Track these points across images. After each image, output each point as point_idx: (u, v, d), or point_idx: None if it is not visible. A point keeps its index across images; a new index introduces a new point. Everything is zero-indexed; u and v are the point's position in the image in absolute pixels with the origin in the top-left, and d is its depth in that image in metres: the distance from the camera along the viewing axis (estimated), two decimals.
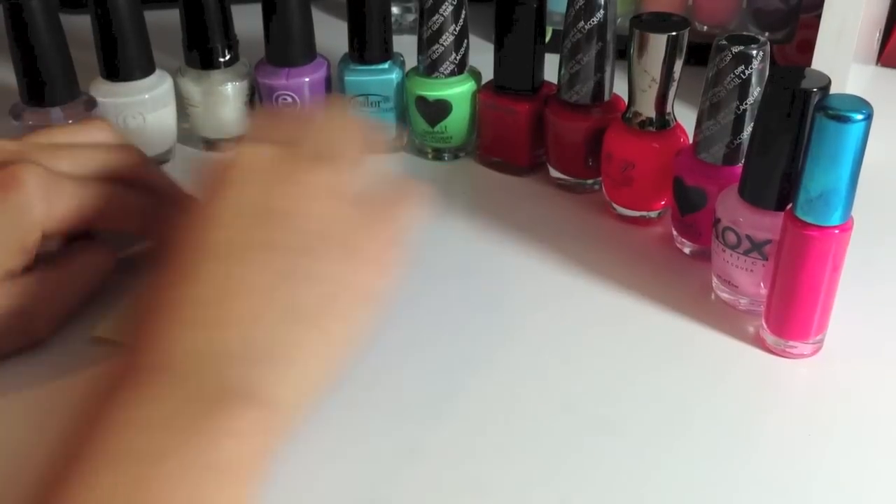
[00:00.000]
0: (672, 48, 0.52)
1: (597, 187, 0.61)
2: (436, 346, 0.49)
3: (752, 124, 0.48)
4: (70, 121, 0.58)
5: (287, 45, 0.63)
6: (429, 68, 0.62)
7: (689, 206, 0.53)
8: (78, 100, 0.59)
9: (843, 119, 0.41)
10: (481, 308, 0.52)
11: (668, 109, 0.54)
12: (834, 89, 0.44)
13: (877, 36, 0.73)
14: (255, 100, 0.66)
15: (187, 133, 0.66)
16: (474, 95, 0.63)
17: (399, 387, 0.46)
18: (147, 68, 0.62)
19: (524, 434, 0.44)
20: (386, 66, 0.63)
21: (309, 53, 0.64)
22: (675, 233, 0.56)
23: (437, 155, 0.65)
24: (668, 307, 0.51)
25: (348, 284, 0.39)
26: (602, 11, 0.55)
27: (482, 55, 0.64)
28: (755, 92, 0.48)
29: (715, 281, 0.52)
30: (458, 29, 0.61)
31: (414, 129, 0.65)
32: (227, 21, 0.63)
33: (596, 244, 0.57)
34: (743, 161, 0.49)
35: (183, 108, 0.65)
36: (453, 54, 0.61)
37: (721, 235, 0.49)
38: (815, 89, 0.43)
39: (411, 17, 0.82)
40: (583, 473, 0.42)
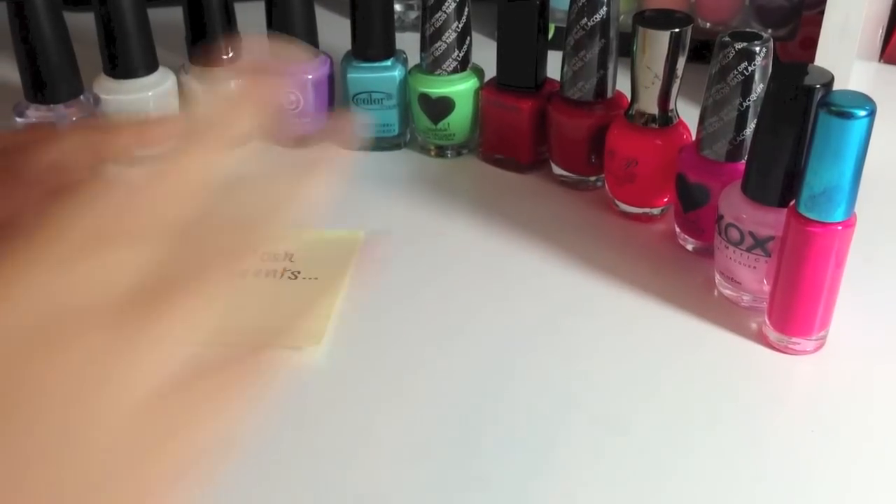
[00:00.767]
0: (675, 45, 0.52)
1: (599, 184, 0.61)
2: (437, 342, 0.49)
3: (756, 121, 0.48)
4: (73, 118, 0.58)
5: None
6: (431, 65, 0.62)
7: (692, 203, 0.53)
8: (81, 97, 0.59)
9: (846, 115, 0.41)
10: (484, 304, 0.52)
11: (671, 106, 0.54)
12: (837, 86, 0.44)
13: (879, 33, 0.73)
14: None
15: None
16: (477, 92, 0.63)
17: (400, 384, 0.47)
18: (150, 65, 0.62)
19: (527, 430, 0.44)
20: (389, 63, 0.63)
21: (312, 51, 0.64)
22: (677, 229, 0.56)
23: (440, 152, 0.65)
24: (670, 304, 0.51)
25: None
26: (605, 8, 0.55)
27: (485, 52, 0.64)
28: (758, 88, 0.48)
29: (718, 277, 0.52)
30: (460, 26, 0.61)
31: (417, 126, 0.65)
32: (230, 18, 0.63)
33: (599, 241, 0.57)
34: (746, 158, 0.49)
35: (186, 105, 0.65)
36: (456, 51, 0.61)
37: (724, 232, 0.49)
38: (818, 86, 0.43)
39: (414, 15, 0.82)
40: (585, 469, 0.42)
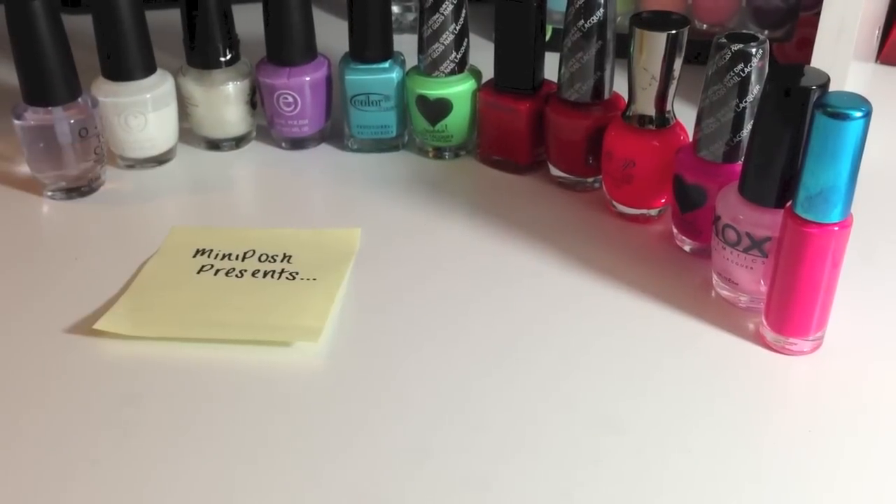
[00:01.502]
0: (672, 46, 0.52)
1: (597, 185, 0.61)
2: (436, 344, 0.49)
3: (752, 122, 0.48)
4: (72, 120, 0.58)
5: (288, 44, 0.63)
6: (429, 67, 0.62)
7: (689, 204, 0.53)
8: (80, 99, 0.59)
9: (842, 116, 0.41)
10: (481, 305, 0.52)
11: (668, 107, 0.55)
12: (833, 87, 0.44)
13: (876, 33, 0.73)
14: (256, 99, 0.66)
15: (188, 132, 0.66)
16: (475, 94, 0.63)
17: (401, 386, 0.47)
18: (148, 68, 0.62)
19: (525, 432, 0.44)
20: (386, 65, 0.63)
21: (310, 52, 0.64)
22: (675, 230, 0.56)
23: (438, 153, 0.66)
24: (668, 304, 0.51)
25: None
26: (602, 10, 0.55)
27: (482, 54, 0.64)
28: (755, 90, 0.49)
29: (715, 278, 0.52)
30: (458, 28, 0.61)
31: (414, 127, 0.65)
32: (228, 20, 0.63)
33: (596, 242, 0.57)
34: (743, 159, 0.49)
35: (184, 107, 0.65)
36: (454, 53, 0.62)
37: (721, 233, 0.49)
38: (814, 87, 0.44)
39: (412, 16, 0.82)
40: (581, 469, 0.42)
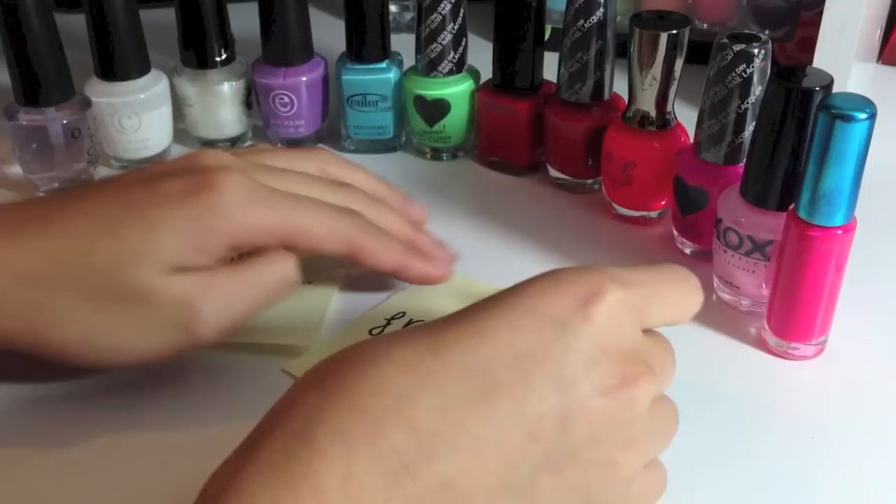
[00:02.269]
0: (672, 46, 0.51)
1: (597, 187, 0.60)
2: None
3: (754, 123, 0.48)
4: (65, 121, 0.57)
5: (284, 44, 0.62)
6: (427, 67, 0.62)
7: (690, 206, 0.53)
8: (73, 100, 0.58)
9: (846, 118, 0.40)
10: None
11: (669, 108, 0.54)
12: (835, 87, 0.44)
13: (878, 33, 0.73)
14: (251, 100, 0.65)
15: (183, 133, 0.66)
16: (473, 94, 0.62)
17: None
18: (142, 68, 0.61)
19: None
20: (384, 65, 0.63)
21: (306, 52, 0.63)
22: (675, 233, 0.55)
23: (436, 154, 0.65)
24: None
25: None
26: (602, 10, 0.55)
27: (481, 54, 0.64)
28: (757, 91, 0.48)
29: (716, 282, 0.51)
30: (456, 27, 0.60)
31: (412, 128, 0.64)
32: (223, 20, 0.62)
33: (596, 244, 0.56)
34: (744, 161, 0.48)
35: (179, 107, 0.64)
36: (452, 53, 0.61)
37: (722, 236, 0.49)
38: (817, 88, 0.43)
39: (409, 16, 0.81)
40: None
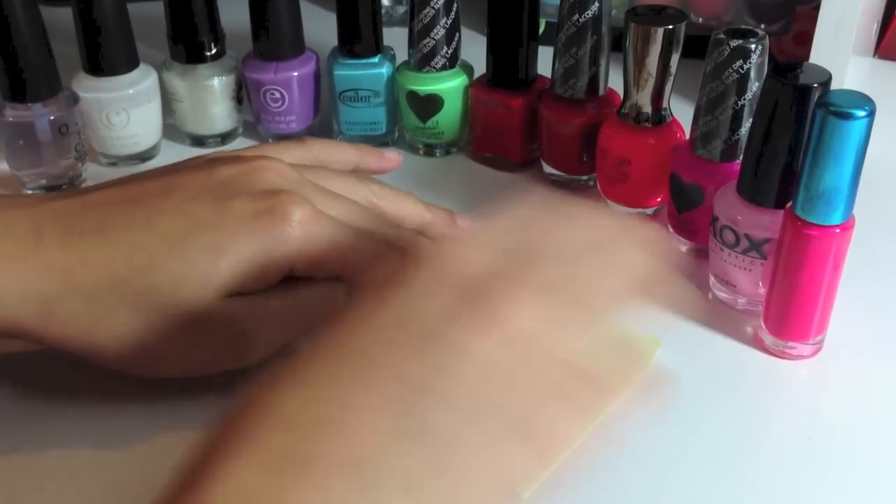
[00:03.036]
0: (668, 42, 0.51)
1: (591, 184, 0.60)
2: None
3: (751, 120, 0.47)
4: (52, 117, 0.57)
5: (275, 39, 0.61)
6: (420, 62, 0.61)
7: (686, 204, 0.52)
8: (60, 95, 0.57)
9: (845, 116, 0.40)
10: None
11: (665, 104, 0.53)
12: (833, 83, 0.43)
13: (875, 27, 0.72)
14: (242, 95, 0.65)
15: (172, 129, 0.65)
16: (466, 90, 0.62)
17: None
18: (131, 62, 0.60)
19: None
20: (376, 59, 0.62)
21: (297, 47, 0.63)
22: (671, 230, 0.55)
23: (429, 151, 0.64)
24: (663, 306, 0.50)
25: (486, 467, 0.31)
26: (597, 4, 0.54)
27: (474, 48, 0.63)
28: (754, 87, 0.47)
29: (712, 280, 0.51)
30: (449, 22, 0.59)
31: (405, 124, 0.64)
32: (213, 14, 0.62)
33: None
34: (741, 157, 0.48)
35: (168, 103, 0.63)
36: (445, 48, 0.60)
37: (719, 234, 0.48)
38: (815, 85, 0.42)
39: (402, 9, 0.81)
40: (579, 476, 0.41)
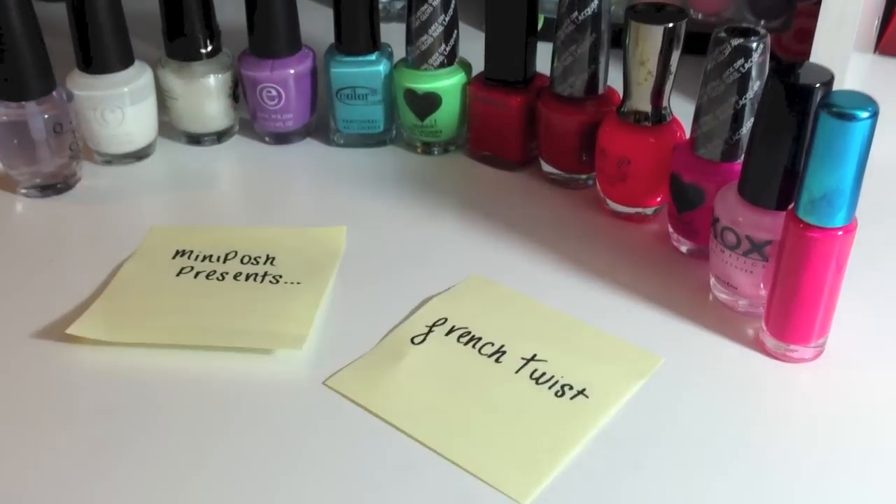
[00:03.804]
0: (669, 40, 0.50)
1: (591, 183, 0.59)
2: None
3: (752, 119, 0.46)
4: (46, 115, 0.56)
5: (271, 36, 0.61)
6: (418, 60, 0.60)
7: (687, 204, 0.52)
8: (54, 93, 0.57)
9: (848, 117, 0.39)
10: None
11: (665, 103, 0.53)
12: (834, 80, 0.42)
13: (875, 24, 0.72)
14: (238, 93, 0.64)
15: (168, 127, 0.64)
16: (464, 88, 0.61)
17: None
18: (126, 60, 0.60)
19: None
20: (373, 57, 0.62)
21: (294, 44, 0.62)
22: (671, 230, 0.54)
23: (427, 149, 0.64)
24: (663, 307, 0.50)
25: None
26: (596, 1, 0.53)
27: (472, 46, 0.62)
28: (755, 86, 0.47)
29: (713, 281, 0.50)
30: (447, 19, 0.59)
31: (403, 122, 0.63)
32: (208, 11, 0.61)
33: (589, 241, 0.55)
34: (742, 158, 0.47)
35: (163, 100, 0.63)
36: (443, 45, 0.60)
37: (720, 235, 0.48)
38: (817, 85, 0.42)
39: (400, 5, 0.80)
40: (577, 478, 0.40)
